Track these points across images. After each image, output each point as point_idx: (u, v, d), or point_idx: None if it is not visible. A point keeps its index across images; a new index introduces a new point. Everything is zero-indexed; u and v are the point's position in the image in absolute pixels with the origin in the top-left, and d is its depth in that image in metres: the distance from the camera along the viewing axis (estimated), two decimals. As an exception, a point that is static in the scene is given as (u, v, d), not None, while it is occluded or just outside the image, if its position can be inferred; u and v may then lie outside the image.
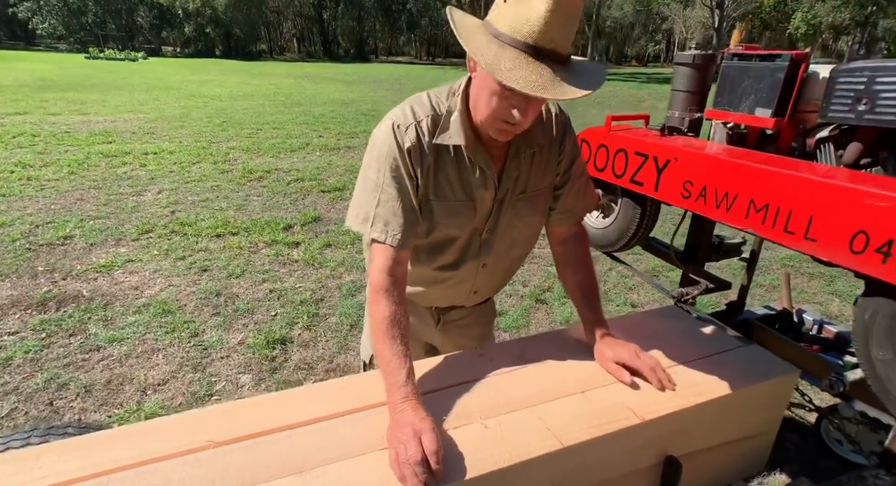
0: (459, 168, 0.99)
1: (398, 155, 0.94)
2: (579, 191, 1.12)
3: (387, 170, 0.94)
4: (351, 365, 2.48)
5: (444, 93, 0.99)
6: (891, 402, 0.97)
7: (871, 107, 1.00)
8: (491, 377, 0.99)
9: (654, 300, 3.20)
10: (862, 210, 0.87)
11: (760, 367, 1.03)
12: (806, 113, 1.18)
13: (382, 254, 0.95)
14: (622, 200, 1.56)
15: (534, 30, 0.77)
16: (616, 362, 0.99)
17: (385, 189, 0.94)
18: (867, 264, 0.87)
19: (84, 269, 3.31)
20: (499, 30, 0.80)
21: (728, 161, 1.10)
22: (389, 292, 0.93)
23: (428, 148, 0.96)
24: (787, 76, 1.14)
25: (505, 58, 0.78)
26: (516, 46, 0.78)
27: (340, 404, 0.91)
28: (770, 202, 1.00)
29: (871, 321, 0.97)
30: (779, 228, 0.99)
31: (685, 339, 1.14)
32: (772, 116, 1.18)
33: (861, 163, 1.09)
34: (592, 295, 1.11)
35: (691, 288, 1.43)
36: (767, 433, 1.06)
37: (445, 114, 0.97)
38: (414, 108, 0.97)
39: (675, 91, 1.44)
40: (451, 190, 1.00)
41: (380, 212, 0.94)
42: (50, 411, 2.09)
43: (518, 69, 0.77)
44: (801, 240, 0.97)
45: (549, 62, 0.78)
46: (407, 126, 0.95)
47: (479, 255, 1.09)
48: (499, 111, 0.87)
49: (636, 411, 0.90)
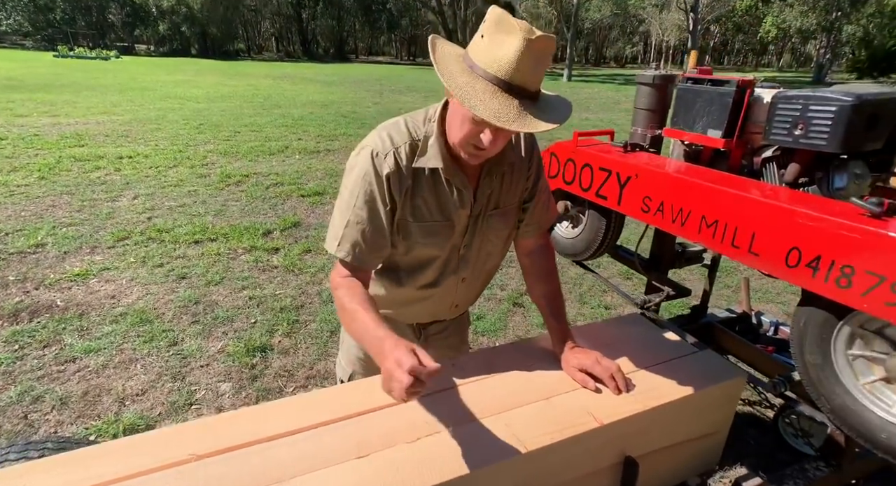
0: (437, 190, 1.04)
1: (374, 181, 0.99)
2: (545, 204, 1.19)
3: (361, 194, 0.99)
4: (331, 371, 2.51)
5: (420, 118, 1.04)
6: (822, 401, 1.06)
7: (806, 132, 1.09)
8: (461, 387, 1.05)
9: (626, 303, 3.30)
10: (795, 228, 0.95)
11: (712, 371, 1.11)
12: (753, 134, 1.26)
13: (346, 268, 1.04)
14: (589, 212, 1.64)
15: (504, 67, 0.82)
16: (579, 369, 1.06)
17: (356, 212, 1.00)
18: (800, 277, 0.96)
19: (57, 278, 3.26)
20: (474, 62, 0.86)
21: (682, 179, 1.18)
22: (354, 286, 1.01)
23: (406, 172, 1.01)
24: (734, 100, 1.23)
25: (476, 89, 0.84)
26: (488, 79, 0.84)
27: (318, 414, 0.96)
28: (719, 219, 1.08)
29: (804, 328, 1.06)
30: (727, 242, 1.07)
31: (645, 345, 1.21)
32: (722, 137, 1.26)
33: (800, 182, 1.19)
34: (557, 305, 1.18)
35: (654, 295, 1.51)
36: (720, 431, 1.14)
37: (423, 139, 1.02)
38: (392, 135, 1.01)
39: (637, 109, 1.52)
40: (429, 211, 1.05)
41: (348, 233, 1.01)
42: (24, 424, 2.07)
43: (488, 101, 0.83)
44: (746, 254, 1.05)
45: (518, 96, 0.84)
46: (385, 153, 0.99)
47: (457, 270, 1.15)
48: (469, 137, 0.92)
49: (595, 414, 0.97)
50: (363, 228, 1.00)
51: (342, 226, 1.01)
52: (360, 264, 1.02)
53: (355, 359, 1.34)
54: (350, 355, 1.35)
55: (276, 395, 2.33)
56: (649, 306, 1.47)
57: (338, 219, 1.02)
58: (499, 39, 0.83)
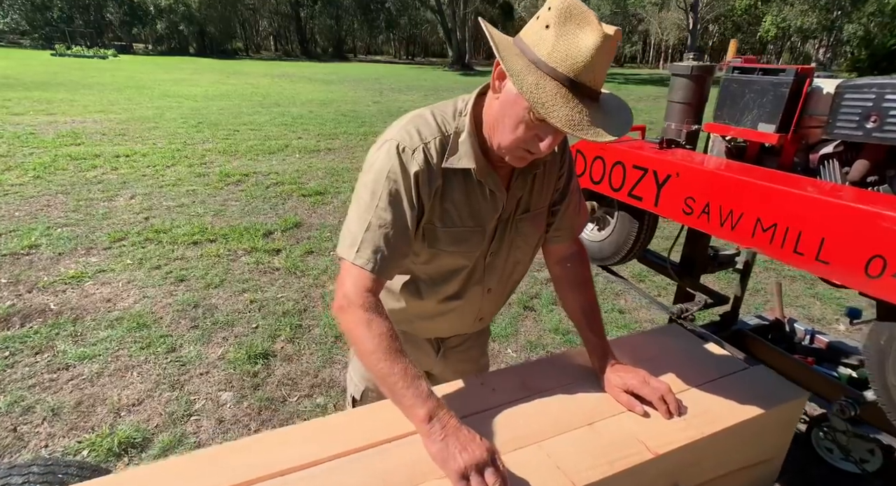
0: (468, 192, 0.93)
1: (401, 179, 0.86)
2: (576, 206, 1.09)
3: (384, 194, 0.86)
4: (337, 380, 2.40)
5: (449, 112, 0.92)
6: (905, 428, 0.95)
7: (880, 124, 0.98)
8: (494, 410, 0.94)
9: (642, 306, 3.20)
10: (879, 234, 0.84)
11: (769, 390, 1.00)
12: (809, 128, 1.16)
13: (362, 277, 0.87)
14: (619, 214, 1.53)
15: (578, 65, 0.72)
16: (625, 390, 0.95)
17: (378, 214, 0.87)
18: (884, 289, 0.85)
19: (51, 280, 3.15)
20: (537, 56, 0.74)
21: (733, 178, 1.07)
22: (377, 308, 0.86)
23: (436, 171, 0.89)
24: (792, 90, 1.12)
25: (547, 91, 0.73)
26: (556, 78, 0.73)
27: (335, 444, 0.85)
28: (778, 222, 0.98)
29: (886, 347, 0.95)
30: (787, 248, 0.97)
31: (689, 361, 1.11)
32: (776, 131, 1.15)
33: (868, 181, 1.08)
34: (595, 317, 1.07)
35: (690, 304, 1.41)
36: (777, 456, 1.04)
37: (453, 135, 0.90)
38: (420, 129, 0.89)
39: (671, 103, 1.41)
40: (459, 216, 0.94)
41: (368, 237, 0.86)
42: (13, 437, 1.96)
43: (558, 106, 0.72)
44: (812, 262, 0.94)
45: (585, 99, 0.74)
46: (414, 149, 0.87)
47: (482, 280, 1.04)
48: (524, 141, 0.82)
49: (647, 444, 0.86)
50: (386, 231, 0.87)
51: (361, 229, 0.87)
52: (381, 274, 0.88)
53: (368, 375, 1.23)
54: (362, 370, 1.24)
55: (279, 404, 2.22)
56: (686, 316, 1.36)
57: (356, 221, 0.88)
58: (570, 32, 0.72)
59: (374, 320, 0.84)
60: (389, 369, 0.81)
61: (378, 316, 0.85)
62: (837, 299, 3.29)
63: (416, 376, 0.81)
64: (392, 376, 0.80)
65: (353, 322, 0.85)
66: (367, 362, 0.84)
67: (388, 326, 0.84)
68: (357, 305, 0.85)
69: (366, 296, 0.86)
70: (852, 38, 28.92)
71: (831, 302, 3.28)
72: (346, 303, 0.86)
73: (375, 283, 0.87)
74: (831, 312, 3.18)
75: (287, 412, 2.17)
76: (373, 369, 0.83)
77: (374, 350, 0.82)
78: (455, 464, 0.73)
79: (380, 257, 0.87)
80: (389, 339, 0.83)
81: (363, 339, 0.83)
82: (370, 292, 0.86)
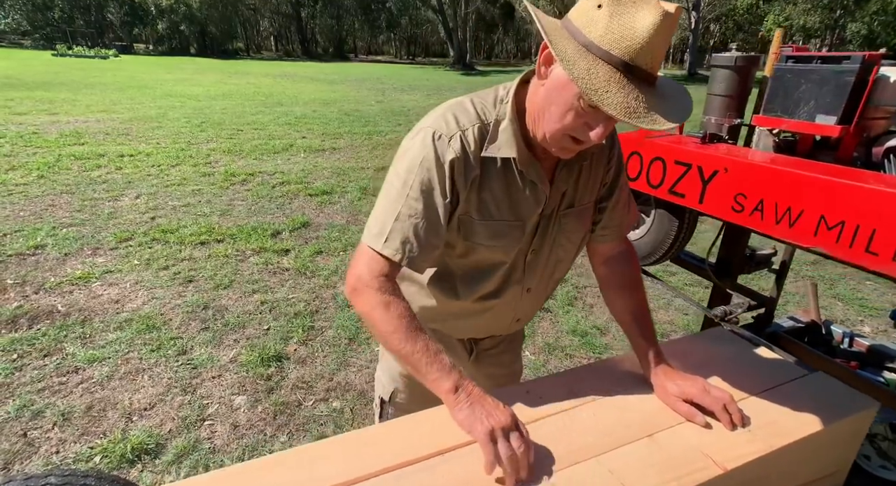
0: (508, 183, 0.88)
1: (434, 167, 0.82)
2: (625, 203, 1.03)
3: (416, 182, 0.82)
4: (352, 383, 2.34)
5: (490, 100, 0.87)
6: None
7: (958, 116, 0.93)
8: (543, 420, 0.88)
9: (661, 307, 3.14)
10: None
11: (835, 400, 0.94)
12: (873, 119, 1.09)
13: (385, 265, 0.84)
14: (656, 212, 1.47)
15: (634, 47, 0.66)
16: (683, 398, 0.89)
17: (409, 203, 0.82)
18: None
19: (58, 281, 3.09)
20: (589, 39, 0.68)
21: (791, 173, 1.01)
22: (394, 290, 0.84)
23: (474, 160, 0.84)
24: (857, 79, 1.05)
25: (600, 77, 0.67)
26: (610, 62, 0.67)
27: (375, 460, 0.79)
28: (846, 219, 0.91)
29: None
30: (858, 248, 0.91)
31: (742, 367, 1.05)
32: (837, 123, 1.09)
33: (939, 176, 1.02)
34: (646, 320, 1.01)
35: (734, 306, 1.35)
36: (842, 469, 0.98)
37: (493, 123, 0.85)
38: (457, 115, 0.85)
39: (712, 95, 1.35)
40: (497, 208, 0.89)
41: (397, 227, 0.83)
42: (24, 443, 1.90)
43: (613, 92, 0.67)
44: (889, 262, 0.88)
45: (642, 84, 0.69)
46: (450, 136, 0.83)
47: (522, 279, 0.98)
48: (571, 128, 0.76)
49: (714, 458, 0.80)
50: (416, 222, 0.83)
51: (391, 219, 0.83)
52: (410, 266, 0.84)
53: (398, 375, 1.17)
54: (392, 371, 1.18)
55: (294, 409, 2.16)
56: (730, 318, 1.30)
57: (385, 210, 0.84)
58: (625, 11, 0.66)
59: (391, 301, 0.82)
60: (412, 348, 0.80)
61: (396, 297, 0.83)
62: (860, 300, 3.23)
63: (437, 351, 0.81)
64: (415, 354, 0.80)
65: (369, 305, 0.83)
66: (388, 342, 0.83)
67: (406, 306, 0.83)
68: (373, 288, 0.83)
69: (381, 279, 0.83)
70: (855, 38, 28.81)
71: (853, 303, 3.22)
72: (361, 285, 0.84)
73: (393, 269, 0.85)
74: (854, 313, 3.12)
75: (303, 417, 2.12)
76: (394, 349, 0.82)
77: (395, 331, 0.81)
78: (482, 427, 0.74)
79: (408, 249, 0.83)
80: (408, 319, 0.82)
81: (382, 321, 0.82)
82: (385, 276, 0.84)
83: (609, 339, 2.76)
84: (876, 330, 2.94)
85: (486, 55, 56.59)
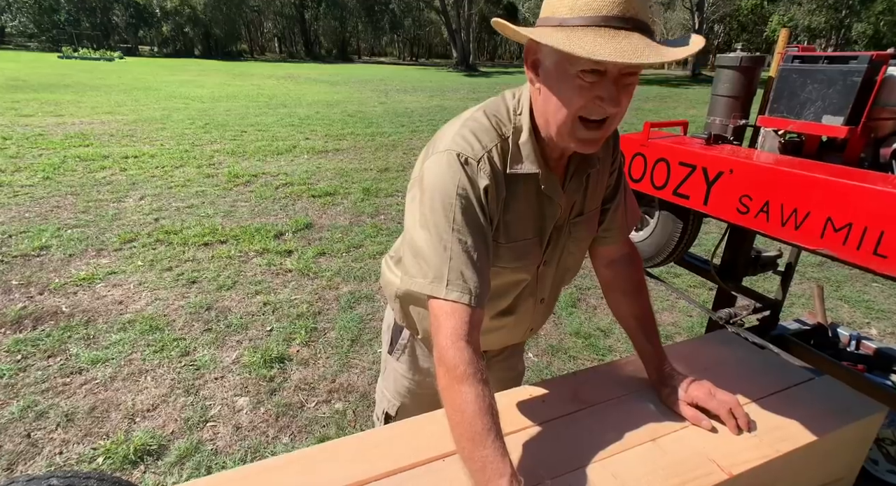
0: (529, 200, 0.84)
1: (472, 194, 0.76)
2: (627, 204, 1.02)
3: (457, 214, 0.75)
4: (355, 385, 2.34)
5: (503, 111, 0.82)
6: None
7: (968, 116, 0.92)
8: (548, 424, 0.87)
9: (665, 308, 3.12)
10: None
11: (843, 404, 0.93)
12: (881, 120, 1.08)
13: (457, 316, 0.73)
14: (660, 213, 1.46)
15: (608, 1, 0.65)
16: (689, 402, 0.88)
17: (457, 238, 0.75)
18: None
19: (62, 282, 3.10)
20: (563, 17, 0.67)
21: (798, 174, 1.00)
22: (473, 366, 0.71)
23: (503, 182, 0.79)
24: (865, 79, 1.04)
25: (585, 38, 0.65)
26: (591, 24, 0.65)
27: (382, 462, 0.78)
28: (854, 221, 0.90)
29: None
30: (866, 250, 0.89)
31: (748, 370, 1.04)
32: (844, 124, 1.08)
33: (948, 178, 1.01)
34: (650, 324, 1.00)
35: (739, 308, 1.34)
36: (848, 475, 0.97)
37: (511, 137, 0.81)
38: (476, 134, 0.79)
39: (716, 96, 1.34)
40: (523, 228, 0.86)
41: (454, 266, 0.74)
42: (27, 444, 1.90)
43: (601, 43, 0.64)
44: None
45: (634, 32, 0.66)
46: (478, 159, 0.77)
47: (535, 291, 0.96)
48: (582, 108, 0.71)
49: (719, 463, 0.80)
50: (470, 256, 0.75)
51: (445, 259, 0.74)
52: (479, 305, 0.75)
53: (405, 391, 1.15)
54: (399, 385, 1.15)
55: (297, 410, 2.16)
56: (735, 321, 1.29)
57: (432, 250, 0.75)
58: None
59: (465, 383, 0.70)
60: (472, 450, 0.69)
61: (472, 378, 0.71)
62: (867, 302, 3.20)
63: (505, 453, 0.69)
64: (476, 454, 0.69)
65: (445, 384, 0.72)
66: (455, 430, 0.72)
67: (481, 391, 0.71)
68: (451, 361, 0.71)
69: (461, 348, 0.72)
70: (861, 38, 28.67)
71: (860, 305, 3.19)
72: (442, 356, 0.72)
73: (471, 319, 0.74)
74: (861, 315, 3.09)
75: (305, 419, 2.11)
76: (457, 439, 0.72)
77: (461, 422, 0.70)
78: None
79: (473, 287, 0.74)
80: (479, 410, 0.70)
81: (454, 405, 0.71)
82: (466, 340, 0.73)
83: (612, 341, 2.75)
84: (883, 333, 2.91)
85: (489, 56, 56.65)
